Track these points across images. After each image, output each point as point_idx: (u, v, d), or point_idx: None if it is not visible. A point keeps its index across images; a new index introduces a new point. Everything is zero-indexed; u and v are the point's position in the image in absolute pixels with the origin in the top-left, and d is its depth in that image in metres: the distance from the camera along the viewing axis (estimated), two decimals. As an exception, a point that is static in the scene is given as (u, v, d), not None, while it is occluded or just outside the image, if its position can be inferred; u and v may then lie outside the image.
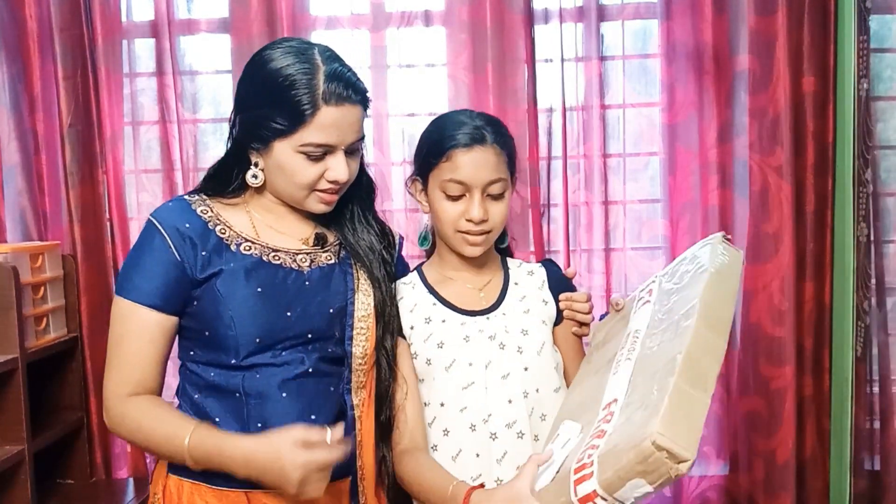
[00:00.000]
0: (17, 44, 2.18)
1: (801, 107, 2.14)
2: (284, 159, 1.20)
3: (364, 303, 1.29)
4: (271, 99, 1.18)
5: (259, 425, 1.20)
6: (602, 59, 2.19)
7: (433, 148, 1.35)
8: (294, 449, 1.09)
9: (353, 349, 1.28)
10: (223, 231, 1.25)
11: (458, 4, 2.17)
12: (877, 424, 2.14)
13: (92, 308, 2.21)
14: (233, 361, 1.21)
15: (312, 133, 1.18)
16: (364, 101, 1.24)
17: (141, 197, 2.25)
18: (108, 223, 2.22)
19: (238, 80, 1.28)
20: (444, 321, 1.37)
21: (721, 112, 2.16)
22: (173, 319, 1.23)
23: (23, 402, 1.88)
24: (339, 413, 1.28)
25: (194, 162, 2.22)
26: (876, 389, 2.13)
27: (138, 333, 1.21)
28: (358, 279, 1.31)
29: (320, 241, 1.31)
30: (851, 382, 2.09)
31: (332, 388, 1.27)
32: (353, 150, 1.25)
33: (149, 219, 1.25)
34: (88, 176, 2.20)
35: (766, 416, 2.18)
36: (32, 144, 2.20)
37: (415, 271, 1.45)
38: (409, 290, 1.42)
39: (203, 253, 1.21)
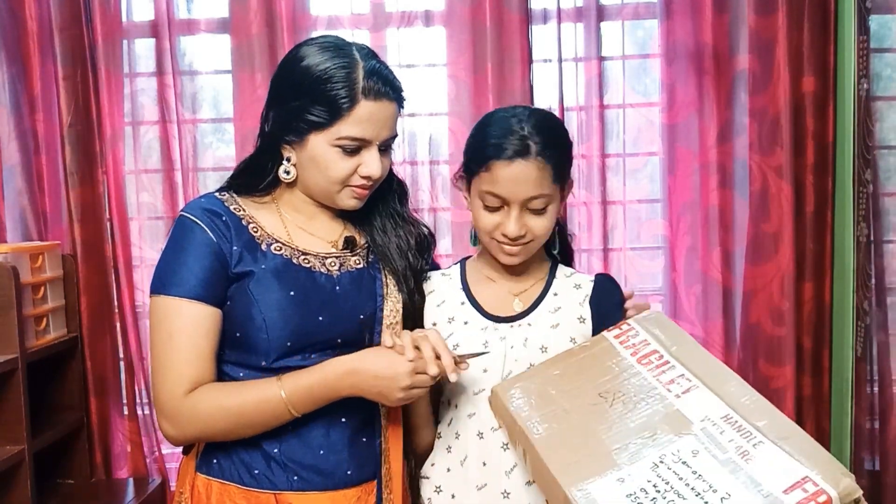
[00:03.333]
0: (17, 44, 2.18)
1: (801, 107, 2.14)
2: (319, 153, 1.19)
3: (392, 310, 1.28)
4: (310, 91, 1.18)
5: (290, 428, 1.20)
6: (601, 59, 2.19)
7: (475, 154, 1.28)
8: (402, 357, 1.14)
9: None
10: (255, 230, 1.23)
11: (458, 4, 2.17)
12: (878, 424, 2.14)
13: (92, 308, 2.21)
14: (262, 363, 1.19)
15: (349, 126, 1.18)
16: (400, 100, 1.24)
17: (141, 197, 2.25)
18: (108, 223, 2.22)
19: (273, 76, 1.27)
20: (466, 323, 1.33)
21: (721, 112, 2.16)
22: (219, 312, 1.20)
23: (23, 402, 1.88)
24: (367, 418, 1.27)
25: (194, 162, 2.22)
26: (878, 389, 2.13)
27: (191, 328, 1.17)
28: (387, 285, 1.29)
29: (349, 244, 1.30)
30: (851, 382, 2.09)
31: None
32: (386, 148, 1.25)
33: (181, 215, 1.22)
34: (88, 176, 2.20)
35: (765, 416, 2.18)
36: (32, 144, 2.21)
37: (458, 264, 1.42)
38: (444, 283, 1.38)
39: (235, 248, 1.20)
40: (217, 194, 1.27)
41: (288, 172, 1.24)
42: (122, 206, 2.21)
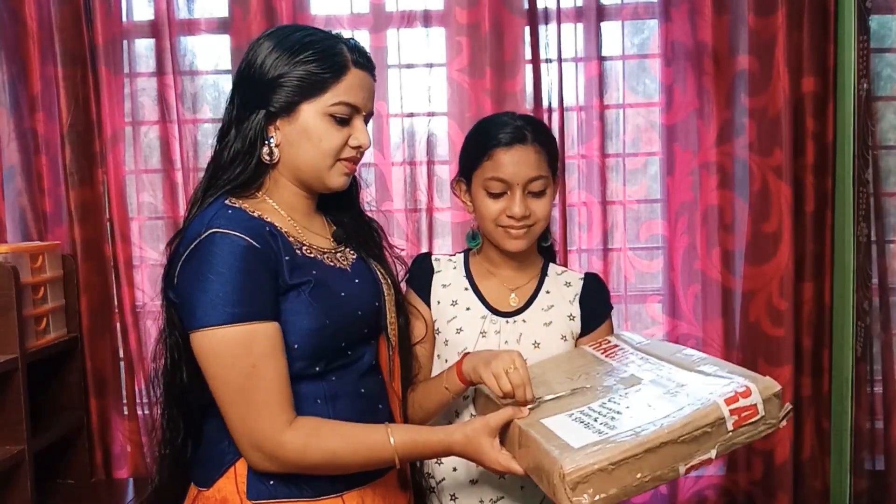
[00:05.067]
0: (17, 44, 2.18)
1: (801, 107, 2.14)
2: (312, 124, 1.18)
3: (388, 293, 1.31)
4: (302, 61, 1.17)
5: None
6: (601, 59, 2.19)
7: (476, 149, 1.39)
8: (492, 446, 1.15)
9: (390, 337, 1.32)
10: (288, 235, 1.19)
11: (456, 5, 2.17)
12: (878, 424, 2.14)
13: (92, 308, 2.21)
14: (317, 369, 1.17)
15: (343, 92, 1.18)
16: (374, 76, 1.26)
17: (141, 197, 2.25)
18: (108, 223, 2.22)
19: (249, 57, 1.21)
20: (468, 309, 1.43)
21: (720, 112, 2.16)
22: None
23: (23, 402, 1.88)
24: (384, 399, 1.29)
25: (194, 162, 2.22)
26: (878, 389, 2.13)
27: (271, 351, 1.11)
28: (379, 271, 1.32)
29: (341, 237, 1.30)
30: (851, 382, 2.09)
31: (380, 376, 1.30)
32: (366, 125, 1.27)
33: (221, 233, 1.11)
34: (88, 176, 2.20)
35: (765, 416, 2.18)
36: (32, 144, 2.21)
37: (462, 253, 1.51)
38: (449, 267, 1.48)
39: (287, 258, 1.16)
40: (234, 203, 1.19)
41: (271, 154, 1.20)
42: (123, 206, 2.21)
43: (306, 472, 1.15)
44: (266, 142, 1.20)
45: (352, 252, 1.30)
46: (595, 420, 1.11)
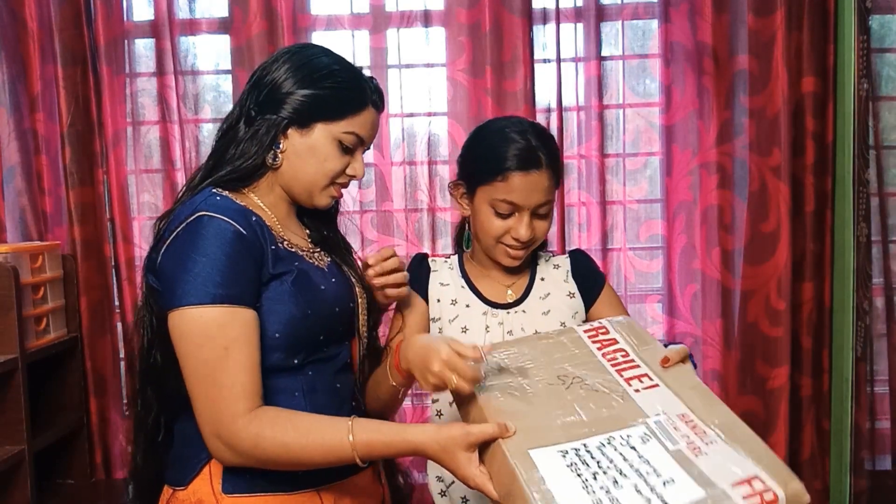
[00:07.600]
0: (16, 44, 2.18)
1: (800, 107, 2.14)
2: (321, 143, 1.23)
3: (361, 296, 1.33)
4: (333, 84, 1.22)
5: None
6: (601, 59, 2.20)
7: (488, 165, 1.36)
8: (470, 461, 1.06)
9: (362, 338, 1.33)
10: (272, 227, 1.22)
11: (457, 5, 2.17)
12: (878, 425, 2.14)
13: (92, 308, 2.22)
14: (295, 361, 1.19)
15: (357, 125, 1.24)
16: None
17: (142, 197, 2.25)
18: (108, 223, 2.23)
19: (282, 63, 1.24)
20: (468, 306, 1.44)
21: (720, 112, 2.17)
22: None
23: (23, 402, 1.89)
24: (355, 397, 1.31)
25: (196, 162, 2.22)
26: (878, 389, 2.13)
27: (245, 337, 1.11)
28: (352, 276, 1.34)
29: (317, 239, 1.33)
30: (851, 382, 2.09)
31: (352, 375, 1.31)
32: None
33: (209, 216, 1.13)
34: (88, 176, 2.21)
35: (762, 415, 2.19)
36: (32, 144, 2.21)
37: (455, 256, 1.53)
38: (445, 268, 1.49)
39: (272, 247, 1.18)
40: (222, 193, 1.21)
41: (275, 159, 1.24)
42: (124, 206, 2.21)
43: (267, 466, 1.13)
44: (274, 147, 1.24)
45: (326, 256, 1.32)
46: (594, 477, 0.97)
